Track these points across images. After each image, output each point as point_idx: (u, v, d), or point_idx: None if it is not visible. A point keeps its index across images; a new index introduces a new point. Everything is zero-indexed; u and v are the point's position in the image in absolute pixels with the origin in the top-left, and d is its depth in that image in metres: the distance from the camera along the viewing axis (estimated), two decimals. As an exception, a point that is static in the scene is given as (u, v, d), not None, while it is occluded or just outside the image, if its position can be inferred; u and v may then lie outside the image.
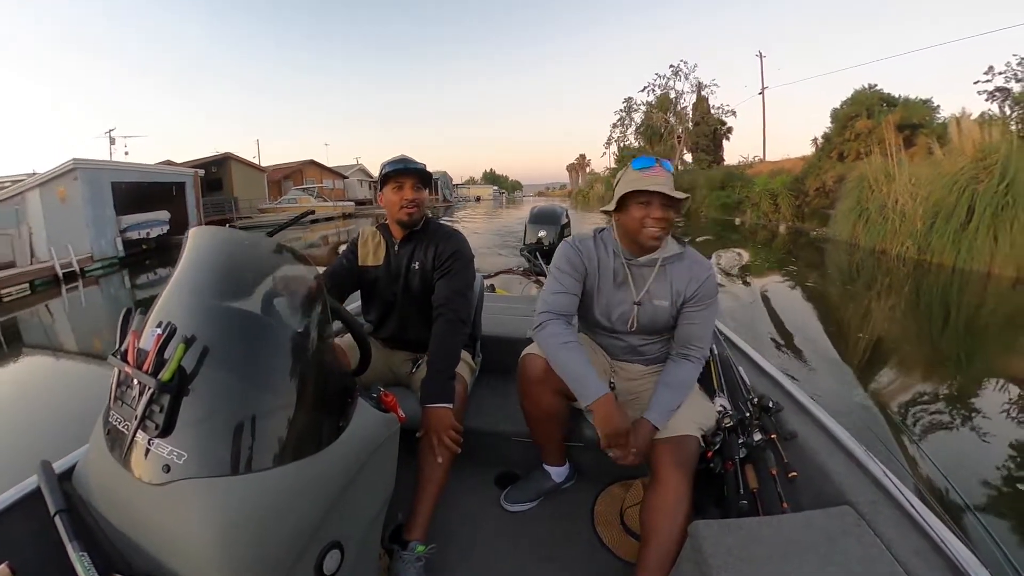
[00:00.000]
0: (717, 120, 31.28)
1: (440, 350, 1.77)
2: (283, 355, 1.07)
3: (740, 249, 13.11)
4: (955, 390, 4.86)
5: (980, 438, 3.73)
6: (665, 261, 1.66)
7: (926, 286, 9.23)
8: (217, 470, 0.90)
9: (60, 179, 14.60)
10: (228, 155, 28.70)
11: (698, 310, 1.65)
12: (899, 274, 10.14)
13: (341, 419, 1.11)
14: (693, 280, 1.64)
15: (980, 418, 4.07)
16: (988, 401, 4.45)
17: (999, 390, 4.68)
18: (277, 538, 0.92)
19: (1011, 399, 4.45)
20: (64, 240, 13.39)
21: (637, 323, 1.71)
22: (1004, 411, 4.23)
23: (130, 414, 0.97)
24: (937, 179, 10.85)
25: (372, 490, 1.23)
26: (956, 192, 10.22)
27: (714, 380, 1.93)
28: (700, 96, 31.19)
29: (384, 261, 2.01)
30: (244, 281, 1.17)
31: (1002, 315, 7.50)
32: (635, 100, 33.14)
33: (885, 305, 8.32)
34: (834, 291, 9.22)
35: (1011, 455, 3.47)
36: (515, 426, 1.94)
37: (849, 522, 1.20)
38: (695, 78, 31.24)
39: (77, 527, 0.96)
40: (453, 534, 1.75)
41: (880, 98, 18.57)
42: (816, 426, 1.62)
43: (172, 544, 0.89)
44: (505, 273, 5.55)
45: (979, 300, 8.30)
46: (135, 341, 1.03)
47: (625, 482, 1.97)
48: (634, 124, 32.99)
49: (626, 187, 1.57)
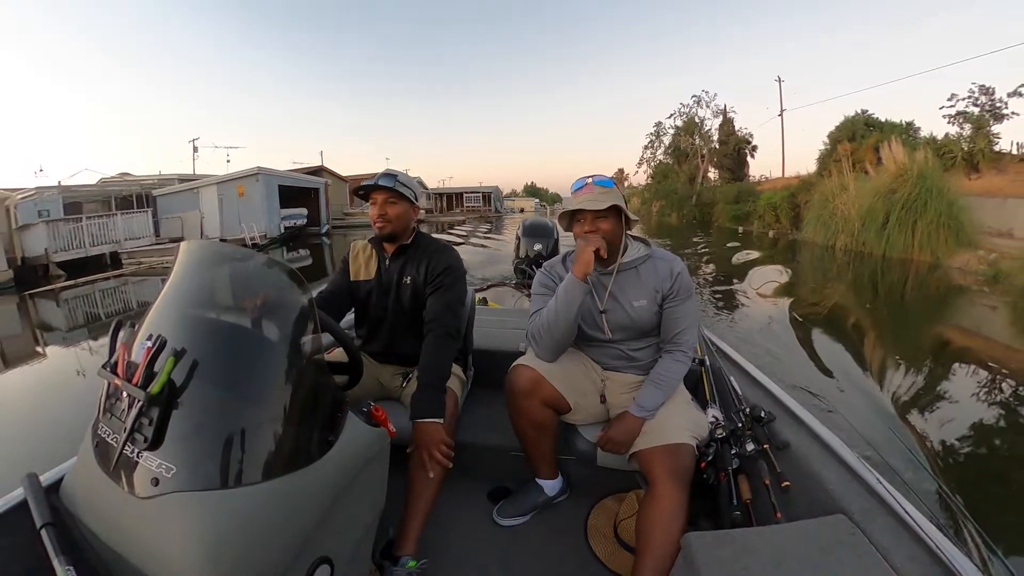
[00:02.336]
0: (742, 139, 33.67)
1: (430, 365, 1.77)
2: (273, 369, 1.08)
3: (780, 266, 12.80)
4: (940, 386, 5.00)
5: (973, 442, 3.71)
6: (626, 266, 1.75)
7: (862, 271, 12.28)
8: (206, 484, 0.90)
9: (243, 180, 21.13)
10: (321, 167, 32.45)
11: (677, 304, 1.71)
12: (842, 262, 13.59)
13: (331, 433, 1.10)
14: (668, 276, 1.71)
15: (973, 421, 4.09)
16: (978, 402, 4.51)
17: (989, 391, 4.74)
18: (265, 553, 0.91)
19: (1005, 401, 4.50)
20: (246, 223, 19.96)
21: (610, 329, 1.77)
22: (996, 414, 4.28)
23: (119, 427, 0.96)
24: (869, 191, 14.43)
25: (362, 505, 1.22)
26: (879, 200, 13.81)
27: (706, 391, 1.94)
28: (726, 118, 33.91)
29: (376, 275, 2.01)
30: (235, 295, 1.19)
31: (921, 292, 10.08)
32: (664, 124, 36.05)
33: (834, 283, 11.26)
34: (797, 273, 12.42)
35: (1004, 457, 3.50)
36: (507, 440, 1.92)
37: (843, 531, 1.19)
38: (716, 105, 34.01)
39: (63, 541, 0.95)
40: (445, 549, 1.74)
41: (866, 122, 21.12)
42: (809, 435, 1.61)
43: (160, 558, 0.88)
44: (497, 286, 5.62)
45: (902, 279, 10.90)
46: (125, 353, 1.03)
47: (619, 495, 1.96)
48: (663, 145, 35.94)
49: (565, 208, 1.74)
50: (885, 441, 3.30)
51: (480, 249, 18.27)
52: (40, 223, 14.81)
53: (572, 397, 1.78)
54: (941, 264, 11.90)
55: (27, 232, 14.51)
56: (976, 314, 8.52)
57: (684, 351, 1.73)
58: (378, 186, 1.89)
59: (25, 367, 6.87)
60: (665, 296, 1.72)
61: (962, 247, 11.93)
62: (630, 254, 1.76)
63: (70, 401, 5.06)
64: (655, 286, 1.72)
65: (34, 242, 14.39)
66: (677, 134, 35.01)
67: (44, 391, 5.86)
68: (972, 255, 11.40)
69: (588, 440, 1.80)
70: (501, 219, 44.71)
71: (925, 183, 13.04)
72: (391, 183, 1.89)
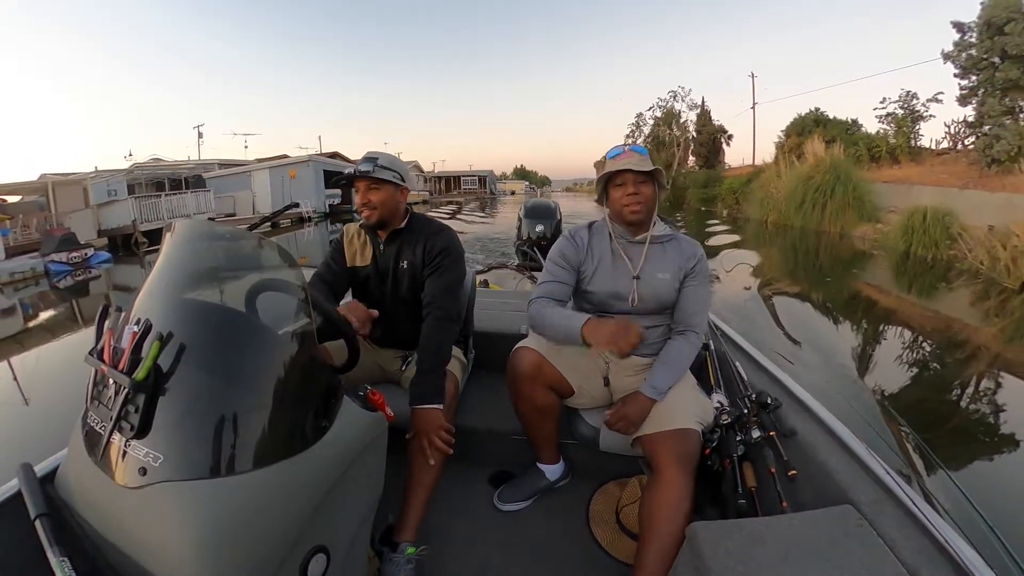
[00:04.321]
0: (717, 129, 36.03)
1: (429, 349, 1.74)
2: (263, 352, 1.04)
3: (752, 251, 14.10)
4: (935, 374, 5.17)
5: (982, 432, 3.74)
6: (657, 239, 1.75)
7: (787, 238, 16.09)
8: (194, 472, 0.87)
9: (296, 165, 26.17)
10: (336, 153, 34.01)
11: (695, 286, 1.72)
12: (771, 232, 17.72)
13: (325, 419, 1.06)
14: (690, 257, 1.73)
15: (980, 412, 4.14)
16: (987, 393, 4.54)
17: (997, 382, 4.79)
18: (258, 543, 0.89)
19: (1013, 390, 4.52)
20: (300, 200, 23.39)
21: (638, 297, 1.72)
22: (1003, 402, 4.28)
23: (106, 415, 0.94)
24: (794, 177, 18.21)
25: (359, 492, 1.20)
26: (800, 184, 17.53)
27: (711, 376, 1.92)
28: (703, 110, 36.12)
29: (372, 261, 1.95)
30: (223, 276, 1.15)
31: (834, 255, 13.15)
32: (644, 116, 38.41)
33: (766, 246, 15.42)
34: (740, 238, 16.67)
35: (1014, 448, 3.47)
36: (508, 424, 1.91)
37: (851, 522, 1.17)
38: (691, 99, 36.98)
39: (58, 531, 0.92)
40: (445, 535, 1.73)
41: (815, 120, 23.56)
42: (816, 423, 1.59)
43: (151, 549, 0.86)
44: (498, 268, 5.56)
45: (817, 246, 14.36)
46: (111, 339, 1.00)
47: (621, 480, 1.95)
48: (643, 135, 37.91)
49: (603, 173, 1.71)
50: (884, 423, 3.37)
51: (476, 225, 21.64)
52: (129, 198, 17.80)
53: (575, 380, 1.76)
54: (847, 234, 15.20)
55: (107, 208, 17.42)
56: (872, 268, 11.43)
57: (696, 333, 1.71)
58: (356, 174, 1.81)
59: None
60: (687, 274, 1.72)
61: (863, 221, 15.14)
62: (658, 228, 1.76)
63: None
64: (679, 264, 1.72)
65: (110, 216, 17.17)
66: (656, 125, 37.18)
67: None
68: (870, 227, 14.61)
69: (591, 424, 1.78)
70: (495, 200, 49.46)
71: (836, 172, 16.39)
72: (370, 168, 1.80)
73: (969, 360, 5.67)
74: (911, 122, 19.79)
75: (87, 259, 13.62)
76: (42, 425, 4.04)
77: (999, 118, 15.37)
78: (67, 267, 12.87)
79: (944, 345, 6.16)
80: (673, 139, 36.46)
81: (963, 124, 17.25)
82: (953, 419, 4.03)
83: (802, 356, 5.32)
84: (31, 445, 3.50)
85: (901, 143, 19.31)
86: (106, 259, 14.21)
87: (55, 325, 8.67)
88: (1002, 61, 15.35)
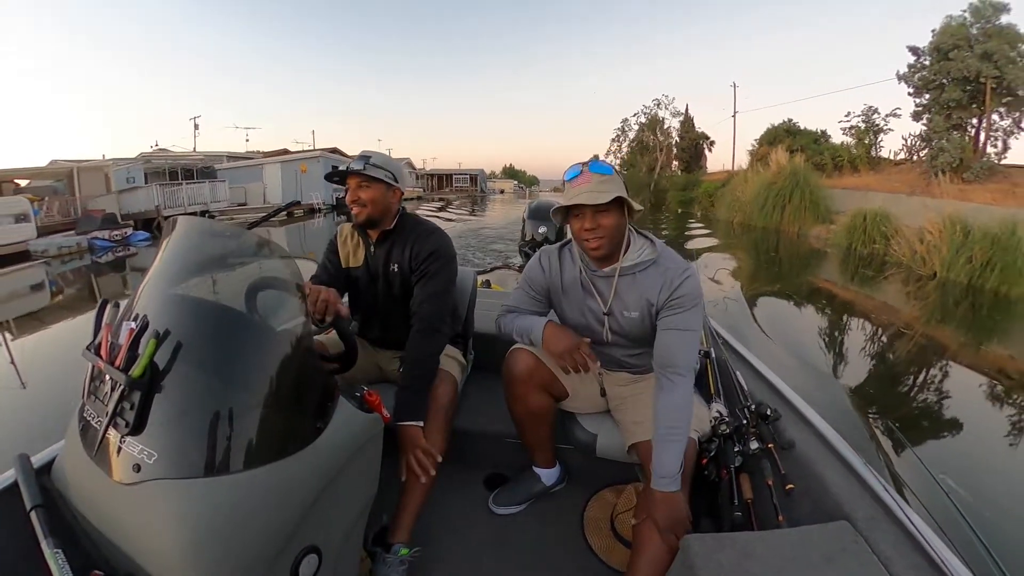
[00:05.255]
0: (699, 136, 37.07)
1: (412, 364, 1.65)
2: (260, 352, 1.00)
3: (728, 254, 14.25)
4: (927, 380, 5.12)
5: (976, 447, 3.64)
6: (628, 270, 1.47)
7: (750, 237, 17.13)
8: (188, 471, 0.85)
9: (308, 160, 26.86)
10: (335, 149, 33.14)
11: (674, 314, 1.43)
12: (738, 231, 18.67)
13: (320, 420, 1.03)
14: (665, 286, 1.43)
15: (973, 422, 4.03)
16: (981, 403, 4.52)
17: (993, 394, 4.75)
18: (250, 544, 0.86)
19: (1008, 403, 4.49)
20: (310, 193, 25.21)
21: (610, 333, 1.57)
22: (994, 411, 4.34)
23: (102, 410, 0.91)
24: (758, 183, 19.33)
25: (353, 493, 1.15)
26: (763, 189, 18.62)
27: (711, 384, 1.83)
28: (687, 117, 37.26)
29: (364, 262, 1.86)
30: (222, 275, 1.12)
31: (792, 252, 14.24)
32: (629, 121, 39.84)
33: (733, 242, 16.41)
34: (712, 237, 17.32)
35: (1009, 461, 3.45)
36: (506, 426, 1.82)
37: (847, 539, 1.13)
38: (674, 107, 37.64)
39: (53, 523, 0.91)
40: (438, 537, 1.66)
41: (786, 130, 24.87)
42: (815, 436, 1.52)
43: (143, 546, 0.85)
44: (500, 269, 5.42)
45: (776, 244, 15.46)
46: (108, 334, 0.98)
47: (617, 486, 1.86)
48: (628, 139, 39.64)
49: (562, 202, 1.46)
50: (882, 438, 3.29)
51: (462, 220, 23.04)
52: (154, 185, 18.58)
53: (569, 382, 1.65)
54: (804, 233, 16.38)
55: (129, 194, 18.12)
56: (824, 263, 12.80)
57: (683, 375, 1.42)
58: (348, 171, 1.72)
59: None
60: (659, 308, 1.46)
61: (818, 222, 16.32)
62: (632, 255, 1.47)
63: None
64: (648, 297, 1.46)
65: (132, 202, 17.71)
66: (641, 130, 38.61)
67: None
68: (824, 228, 15.70)
69: (587, 430, 1.69)
70: (485, 198, 49.38)
71: (795, 178, 17.56)
72: (361, 166, 1.71)
73: (953, 367, 5.68)
74: (872, 135, 21.29)
75: (127, 237, 14.68)
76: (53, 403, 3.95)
77: (944, 133, 16.93)
78: (109, 243, 13.95)
79: (925, 349, 6.21)
80: (657, 144, 37.57)
81: (918, 137, 18.68)
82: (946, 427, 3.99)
83: (777, 354, 5.30)
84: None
85: (861, 153, 20.79)
86: (145, 238, 14.91)
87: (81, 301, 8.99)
88: (947, 83, 16.92)
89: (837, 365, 5.44)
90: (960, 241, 9.86)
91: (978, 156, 16.46)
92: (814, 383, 4.42)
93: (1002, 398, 4.66)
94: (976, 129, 17.51)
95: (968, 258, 9.57)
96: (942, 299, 8.88)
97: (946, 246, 10.06)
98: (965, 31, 16.65)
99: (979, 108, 16.97)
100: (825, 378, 4.80)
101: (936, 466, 1.98)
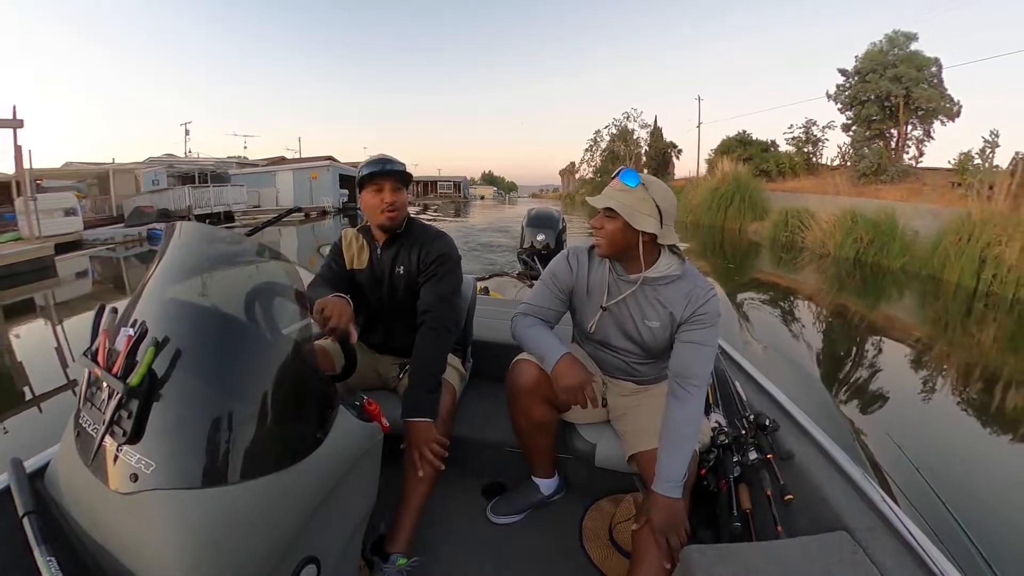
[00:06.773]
0: (668, 144, 39.08)
1: (423, 361, 1.55)
2: (260, 361, 0.95)
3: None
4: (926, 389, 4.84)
5: (974, 457, 3.54)
6: (652, 281, 1.40)
7: (699, 233, 18.18)
8: (186, 482, 0.80)
9: (318, 168, 28.09)
10: (331, 157, 33.13)
11: (694, 329, 1.38)
12: (693, 228, 19.35)
13: (320, 429, 0.97)
14: (691, 302, 1.39)
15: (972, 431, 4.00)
16: (979, 412, 4.38)
17: (992, 402, 4.59)
18: (247, 556, 0.81)
19: (1007, 413, 4.33)
20: (321, 198, 26.59)
21: (621, 337, 1.51)
22: (992, 421, 4.17)
23: (99, 417, 0.85)
24: (706, 188, 20.53)
25: (352, 503, 1.09)
26: (708, 193, 19.83)
27: (710, 394, 1.72)
28: (656, 127, 38.91)
29: (368, 265, 1.74)
30: (222, 281, 1.07)
31: (734, 245, 15.26)
32: (601, 132, 42.12)
33: (684, 236, 15.18)
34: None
35: (1009, 475, 3.30)
36: (505, 435, 1.72)
37: (846, 550, 1.08)
38: (642, 120, 39.41)
39: (46, 530, 0.85)
40: (437, 546, 1.56)
41: (740, 140, 25.84)
42: (814, 447, 1.44)
43: (138, 556, 0.79)
44: (499, 276, 5.32)
45: (723, 238, 16.59)
46: (106, 340, 0.91)
47: (615, 496, 1.75)
48: (600, 149, 42.04)
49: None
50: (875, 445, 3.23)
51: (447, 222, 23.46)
52: (185, 187, 19.77)
53: None
54: (744, 230, 17.60)
55: (159, 194, 19.24)
56: (757, 253, 13.90)
57: (698, 386, 1.37)
58: (388, 172, 1.61)
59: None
60: (681, 322, 1.40)
61: (756, 220, 17.44)
62: (660, 268, 1.41)
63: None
64: (672, 310, 1.40)
65: (160, 201, 18.87)
66: (612, 140, 40.87)
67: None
68: (760, 224, 16.71)
69: (586, 439, 1.59)
70: (468, 205, 48.84)
71: (736, 183, 18.88)
72: (402, 168, 1.61)
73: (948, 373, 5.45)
74: (811, 144, 23.32)
75: (180, 229, 15.85)
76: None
77: (865, 143, 19.23)
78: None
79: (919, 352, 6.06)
80: (627, 153, 39.56)
81: (850, 146, 20.52)
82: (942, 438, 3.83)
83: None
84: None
85: (800, 161, 22.69)
86: (195, 230, 16.01)
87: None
88: (867, 101, 19.04)
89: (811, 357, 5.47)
90: (849, 227, 11.74)
91: (894, 161, 18.53)
92: (791, 378, 4.30)
93: (1002, 407, 4.53)
94: (897, 139, 19.65)
95: (855, 239, 11.48)
96: (837, 270, 10.86)
97: (839, 231, 11.98)
98: (883, 57, 18.72)
99: (894, 121, 19.04)
100: (811, 381, 4.63)
101: (934, 476, 1.60)
